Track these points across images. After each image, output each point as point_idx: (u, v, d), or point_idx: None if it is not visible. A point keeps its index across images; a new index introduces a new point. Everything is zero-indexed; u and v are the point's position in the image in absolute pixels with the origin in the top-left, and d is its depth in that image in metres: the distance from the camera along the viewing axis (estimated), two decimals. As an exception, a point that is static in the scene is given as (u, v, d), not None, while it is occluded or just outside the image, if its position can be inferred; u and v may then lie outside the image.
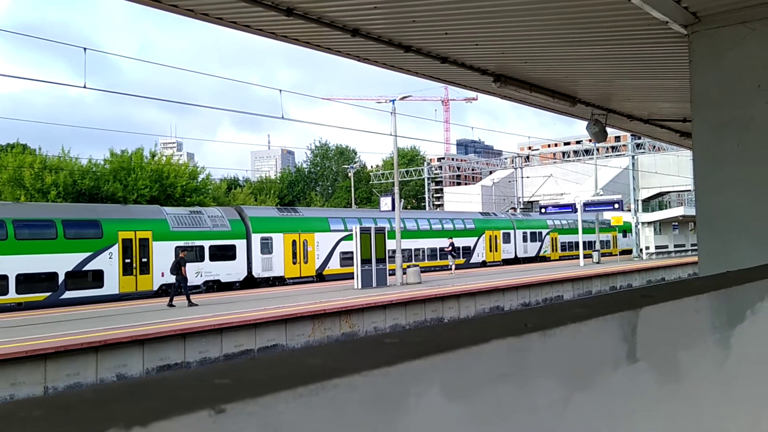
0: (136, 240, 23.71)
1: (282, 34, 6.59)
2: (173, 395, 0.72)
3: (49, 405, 0.67)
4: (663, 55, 6.81)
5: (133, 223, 23.93)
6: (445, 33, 6.23)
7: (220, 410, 0.68)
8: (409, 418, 0.92)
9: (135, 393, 0.72)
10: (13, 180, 43.01)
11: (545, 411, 1.27)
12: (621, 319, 1.56)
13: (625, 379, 1.59)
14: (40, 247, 21.38)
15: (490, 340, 1.16)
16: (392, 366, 0.91)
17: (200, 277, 25.15)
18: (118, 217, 24.02)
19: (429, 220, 36.80)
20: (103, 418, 0.63)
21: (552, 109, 10.37)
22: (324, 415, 0.80)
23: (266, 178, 77.82)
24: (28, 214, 22.64)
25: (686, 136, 12.85)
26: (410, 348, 1.02)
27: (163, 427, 0.64)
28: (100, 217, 23.57)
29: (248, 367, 0.87)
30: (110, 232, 23.06)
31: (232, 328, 14.82)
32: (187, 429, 0.65)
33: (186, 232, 25.15)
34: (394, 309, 18.79)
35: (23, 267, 20.86)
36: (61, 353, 12.00)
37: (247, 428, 0.71)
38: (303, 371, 0.86)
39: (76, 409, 0.67)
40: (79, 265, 22.22)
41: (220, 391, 0.73)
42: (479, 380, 1.12)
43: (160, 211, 25.93)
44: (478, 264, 37.62)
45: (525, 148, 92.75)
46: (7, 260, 20.42)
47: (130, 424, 0.62)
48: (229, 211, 28.11)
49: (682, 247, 45.76)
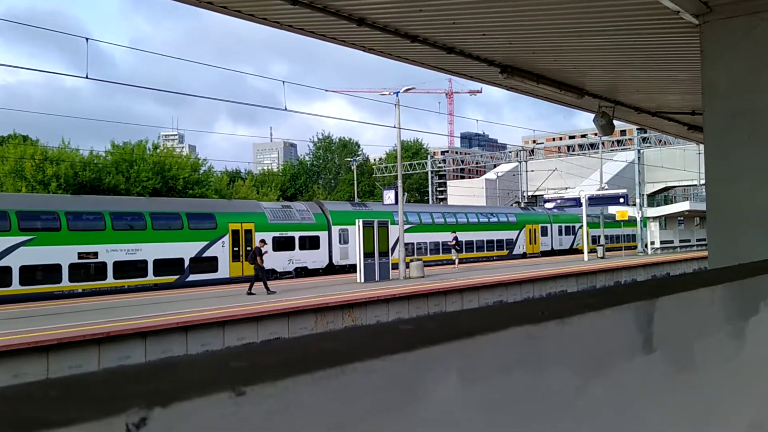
0: (242, 231, 26.74)
1: (287, 23, 6.52)
2: (192, 377, 0.71)
3: (65, 385, 0.66)
4: (673, 46, 6.72)
5: (240, 216, 26.98)
6: (452, 23, 6.15)
7: (241, 392, 0.67)
8: (425, 402, 0.92)
9: (152, 374, 0.72)
10: (14, 171, 43.03)
11: (560, 399, 1.27)
12: (637, 308, 1.55)
13: (640, 369, 1.57)
14: (171, 236, 24.56)
15: (508, 327, 1.15)
16: (410, 351, 0.90)
17: (291, 264, 28.26)
18: (228, 210, 27.22)
19: (477, 215, 39.49)
20: (122, 398, 0.62)
21: (559, 101, 10.28)
22: (342, 398, 0.80)
23: (268, 171, 77.82)
24: (161, 207, 26.00)
25: (694, 129, 12.75)
26: (427, 334, 1.01)
27: (184, 408, 0.63)
28: (214, 210, 26.82)
29: (263, 351, 0.87)
30: (223, 223, 26.14)
31: (235, 321, 14.82)
32: (207, 410, 0.65)
33: (281, 224, 28.16)
34: (396, 303, 18.77)
35: (158, 253, 24.03)
36: (63, 345, 12.01)
37: (267, 410, 0.71)
38: (319, 354, 0.86)
39: (93, 389, 0.66)
40: (199, 252, 25.42)
41: (239, 373, 0.73)
42: (495, 367, 1.12)
43: (259, 206, 29.25)
44: (519, 255, 40.11)
45: (529, 141, 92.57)
46: (147, 247, 23.76)
47: (150, 404, 0.61)
48: (312, 206, 31.12)
49: (688, 242, 45.61)
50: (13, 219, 21.36)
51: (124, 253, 23.39)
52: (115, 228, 23.43)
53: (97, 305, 17.65)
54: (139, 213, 24.46)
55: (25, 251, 21.20)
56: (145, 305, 17.24)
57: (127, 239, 23.57)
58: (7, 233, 21.03)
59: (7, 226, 21.15)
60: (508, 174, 67.74)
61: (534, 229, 42.12)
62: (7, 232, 21.06)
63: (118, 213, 23.99)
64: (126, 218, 24.09)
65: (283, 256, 27.62)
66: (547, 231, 43.51)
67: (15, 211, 21.60)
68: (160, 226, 24.48)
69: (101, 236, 23.02)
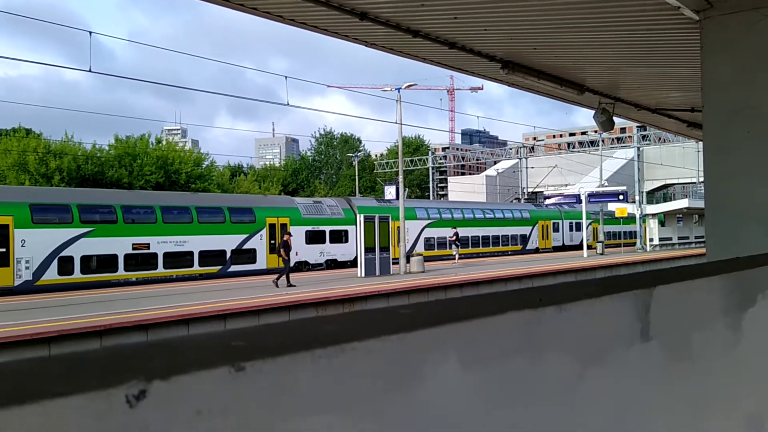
0: (278, 225, 28.06)
1: (289, 17, 6.55)
2: (192, 353, 0.72)
3: (68, 361, 0.67)
4: (673, 42, 6.75)
5: (276, 210, 28.53)
6: (454, 18, 6.18)
7: (240, 368, 0.68)
8: (424, 384, 0.93)
9: (153, 351, 0.72)
10: (17, 164, 43.01)
11: (557, 384, 1.27)
12: (635, 297, 1.56)
13: (637, 358, 1.58)
14: (214, 229, 26.08)
15: (506, 312, 1.15)
16: (409, 332, 0.91)
17: (323, 256, 29.72)
18: (265, 206, 28.81)
19: (493, 211, 40.89)
20: (122, 371, 0.62)
21: (559, 97, 10.30)
22: (341, 377, 0.80)
23: (270, 166, 77.74)
24: (205, 202, 27.48)
25: (694, 126, 12.77)
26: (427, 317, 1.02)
27: (183, 382, 0.64)
28: (253, 205, 28.35)
29: (263, 332, 0.87)
30: (261, 218, 27.73)
31: (236, 314, 14.86)
32: (206, 384, 0.66)
33: (313, 219, 29.63)
34: (397, 297, 18.81)
35: (203, 245, 25.59)
36: (64, 337, 12.05)
37: (266, 386, 0.71)
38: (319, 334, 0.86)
39: (94, 363, 0.66)
40: (240, 244, 26.86)
41: (240, 350, 0.73)
42: (494, 350, 1.12)
43: (293, 201, 30.91)
44: (532, 250, 41.75)
45: (530, 138, 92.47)
46: (193, 239, 25.35)
47: (150, 377, 0.62)
48: (341, 202, 32.80)
49: (686, 239, 45.62)
50: (75, 212, 22.74)
51: (173, 245, 24.90)
52: (164, 221, 24.90)
53: (100, 298, 17.71)
54: (186, 207, 26.04)
55: (85, 242, 22.64)
56: (158, 296, 17.30)
57: (175, 232, 25.02)
58: (69, 225, 22.40)
59: (70, 218, 22.55)
60: (509, 170, 67.69)
61: (546, 225, 43.40)
62: (70, 224, 22.44)
63: (167, 207, 25.48)
64: (174, 212, 25.52)
65: (315, 249, 29.38)
66: (558, 227, 44.66)
67: (76, 204, 23.03)
68: (204, 219, 26.05)
69: (152, 229, 24.49)
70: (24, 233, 21.24)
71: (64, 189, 30.87)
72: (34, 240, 21.34)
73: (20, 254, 21.12)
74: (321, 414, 0.78)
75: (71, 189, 31.86)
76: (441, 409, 0.98)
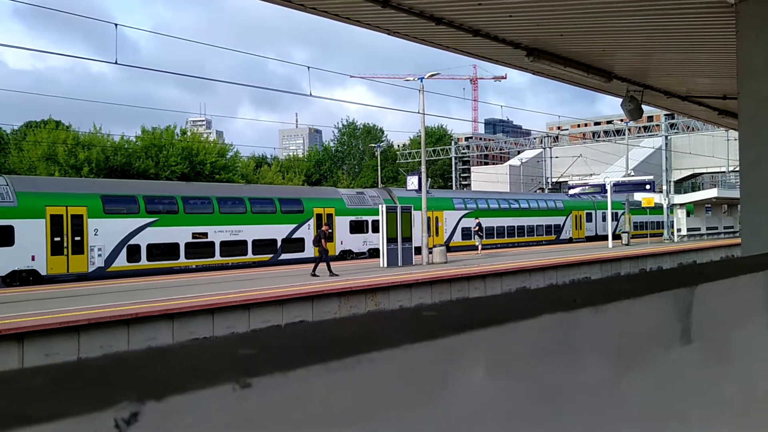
0: (325, 215, 29.13)
1: (311, 5, 6.49)
2: (194, 365, 0.65)
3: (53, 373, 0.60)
4: (707, 27, 6.54)
5: (322, 201, 29.55)
6: (478, 3, 6.06)
7: (246, 384, 0.61)
8: (450, 395, 0.87)
9: (151, 362, 0.66)
10: (47, 156, 43.77)
11: (593, 392, 1.21)
12: (676, 296, 1.48)
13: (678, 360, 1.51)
14: (266, 219, 27.34)
15: (539, 315, 1.09)
16: (434, 340, 0.85)
17: (365, 245, 30.67)
18: (312, 196, 30.00)
19: (528, 201, 41.72)
20: (111, 389, 0.56)
21: (585, 85, 10.10)
22: (358, 390, 0.74)
23: (294, 157, 78.08)
24: (258, 194, 28.76)
25: (725, 114, 12.45)
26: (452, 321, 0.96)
27: (180, 402, 0.57)
28: (301, 196, 29.65)
29: (275, 336, 0.81)
30: (308, 208, 28.89)
31: (260, 304, 14.96)
32: (207, 404, 0.59)
33: (356, 209, 30.66)
34: (419, 288, 18.77)
35: (256, 234, 26.82)
36: (93, 325, 12.24)
37: (275, 404, 0.65)
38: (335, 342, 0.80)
39: (82, 378, 0.60)
40: (289, 233, 28.12)
41: (246, 362, 0.67)
42: (526, 357, 1.06)
43: (337, 192, 32.12)
44: (566, 240, 42.58)
45: (554, 127, 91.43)
46: (246, 229, 26.56)
47: (142, 397, 0.55)
48: (382, 192, 33.92)
49: (715, 229, 44.78)
50: (141, 203, 24.11)
51: (229, 234, 26.09)
52: (221, 211, 26.15)
53: (125, 287, 17.96)
54: (240, 198, 27.26)
55: (151, 231, 23.99)
56: (177, 287, 17.50)
57: (230, 221, 26.24)
58: (136, 215, 23.79)
59: (137, 209, 23.94)
60: (532, 160, 67.06)
61: (580, 215, 43.88)
62: (137, 215, 23.82)
63: (223, 198, 26.76)
64: (229, 203, 26.74)
65: (358, 238, 30.46)
66: (591, 217, 44.99)
67: (142, 195, 24.41)
68: (257, 210, 27.31)
69: (210, 219, 25.77)
70: (96, 223, 22.64)
71: (131, 181, 32.48)
72: (105, 229, 22.78)
73: (93, 242, 22.55)
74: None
75: (137, 181, 33.65)
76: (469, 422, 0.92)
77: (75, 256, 22.17)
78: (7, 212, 20.94)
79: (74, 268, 22.11)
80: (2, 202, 21.02)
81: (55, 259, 21.72)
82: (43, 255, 21.45)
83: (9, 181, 22.03)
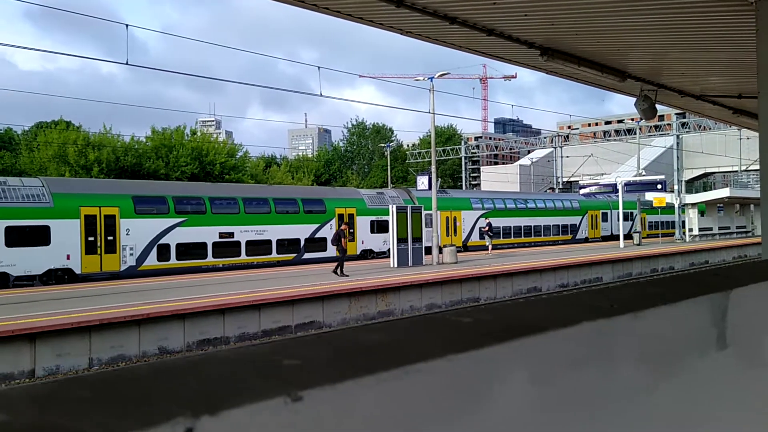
0: (346, 215, 29.63)
1: (324, 6, 6.46)
2: (240, 377, 0.64)
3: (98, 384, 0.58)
4: (724, 26, 6.45)
5: (344, 202, 30.04)
6: (493, 3, 6.00)
7: (297, 398, 0.60)
8: (493, 404, 0.86)
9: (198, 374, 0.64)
10: (58, 156, 44.03)
11: (631, 399, 1.18)
12: (711, 301, 1.45)
13: (714, 365, 1.48)
14: (289, 219, 27.89)
15: (579, 322, 1.06)
16: (478, 349, 0.84)
17: (386, 245, 29.71)
18: (334, 197, 30.48)
19: (545, 201, 42.09)
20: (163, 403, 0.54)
21: (599, 84, 10.01)
22: (407, 401, 0.72)
23: (303, 156, 78.21)
24: (282, 194, 29.42)
25: (740, 113, 12.32)
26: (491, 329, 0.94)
27: (234, 416, 0.55)
28: (324, 197, 30.10)
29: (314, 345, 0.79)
30: (330, 208, 29.34)
31: (270, 305, 14.96)
32: (260, 418, 0.58)
33: (377, 209, 30.89)
34: (430, 288, 18.72)
35: (280, 234, 27.42)
36: (105, 326, 12.29)
37: (326, 416, 0.63)
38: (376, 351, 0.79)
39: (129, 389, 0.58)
40: (312, 233, 28.55)
41: (292, 373, 0.66)
42: (566, 365, 1.04)
43: (358, 193, 32.79)
44: (582, 240, 42.97)
45: (564, 126, 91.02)
46: (271, 229, 27.17)
47: (197, 412, 0.53)
48: (402, 192, 34.32)
49: (727, 229, 44.42)
50: (170, 203, 24.76)
51: (254, 234, 26.67)
52: (246, 212, 26.71)
53: (135, 288, 18.03)
54: (265, 199, 27.84)
55: (180, 231, 24.62)
56: (190, 287, 17.54)
57: (255, 221, 26.81)
58: (166, 215, 24.42)
59: (166, 209, 24.58)
60: (543, 160, 66.79)
61: (595, 215, 44.08)
62: (166, 215, 24.45)
63: (248, 198, 27.36)
64: (254, 203, 27.30)
65: (379, 238, 30.49)
66: (607, 217, 45.14)
67: (172, 196, 25.07)
68: (281, 210, 27.85)
69: (236, 219, 26.32)
70: (128, 223, 23.28)
71: (160, 182, 33.28)
72: (136, 229, 23.41)
73: (125, 242, 23.22)
74: None
75: (167, 182, 34.55)
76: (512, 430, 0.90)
77: (108, 255, 22.79)
78: (44, 213, 21.50)
79: (107, 267, 22.72)
80: (39, 203, 21.56)
81: (89, 258, 22.34)
82: (77, 254, 22.05)
83: (45, 182, 22.63)
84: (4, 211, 20.75)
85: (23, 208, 21.18)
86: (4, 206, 20.82)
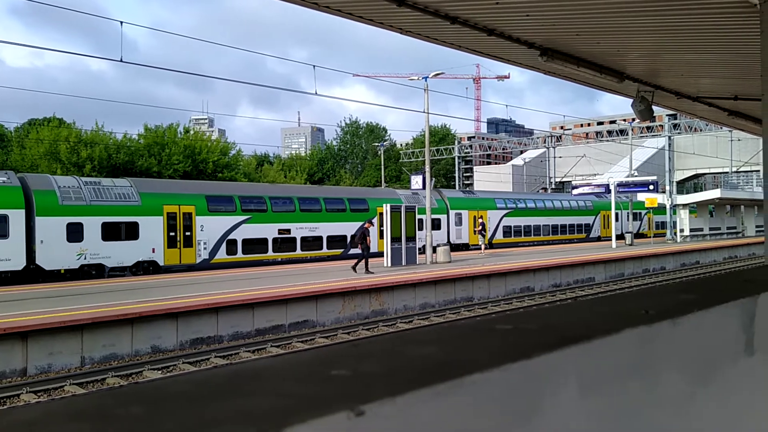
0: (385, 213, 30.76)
1: (324, 4, 6.41)
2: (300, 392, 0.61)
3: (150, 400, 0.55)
4: (725, 27, 6.46)
5: (384, 201, 30.59)
6: (495, 3, 5.98)
7: (360, 412, 0.58)
8: (546, 414, 0.84)
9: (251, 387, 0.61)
10: (50, 153, 43.70)
11: (672, 406, 1.16)
12: (742, 306, 1.44)
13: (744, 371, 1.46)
14: (338, 217, 30.12)
15: (622, 330, 1.04)
16: (530, 359, 0.82)
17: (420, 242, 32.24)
18: (375, 196, 32.68)
19: (561, 201, 43.92)
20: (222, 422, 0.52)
21: (596, 85, 10.02)
22: (465, 413, 0.70)
23: (296, 155, 78.04)
24: (330, 194, 31.79)
25: (735, 115, 12.37)
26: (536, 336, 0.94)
27: None
28: (366, 196, 32.62)
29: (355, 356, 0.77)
30: (372, 207, 31.39)
31: (264, 304, 14.89)
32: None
33: None
34: (423, 288, 18.71)
35: (330, 231, 29.57)
36: (97, 324, 12.19)
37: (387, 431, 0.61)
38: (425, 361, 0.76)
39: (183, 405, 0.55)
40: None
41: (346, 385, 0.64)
42: (611, 373, 1.01)
43: (395, 193, 34.94)
44: (595, 239, 44.83)
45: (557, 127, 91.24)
46: (322, 226, 29.41)
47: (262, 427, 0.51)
48: (434, 193, 34.67)
49: (718, 229, 44.71)
50: (237, 203, 27.02)
51: (307, 230, 28.98)
52: (301, 210, 28.95)
53: (130, 286, 17.90)
54: (317, 198, 30.07)
55: (245, 227, 26.91)
56: (182, 285, 17.43)
57: (309, 219, 29.06)
58: (233, 213, 26.69)
59: (233, 208, 26.86)
60: (536, 160, 66.95)
61: (607, 215, 45.05)
62: (234, 213, 26.72)
63: (302, 198, 29.63)
64: (308, 202, 29.46)
65: None
66: (618, 216, 45.85)
67: (238, 196, 27.37)
68: (330, 209, 30.04)
69: (292, 216, 28.57)
70: (202, 220, 25.59)
71: (228, 183, 35.96)
72: (209, 225, 25.73)
73: (200, 237, 25.52)
74: None
75: (233, 183, 37.43)
76: None
77: (186, 249, 25.09)
78: (134, 210, 23.89)
79: (185, 259, 24.99)
80: (129, 202, 23.88)
81: (171, 251, 24.66)
82: (161, 248, 24.36)
83: (133, 183, 24.85)
84: (102, 208, 22.97)
85: (117, 206, 23.45)
86: (102, 204, 23.02)
